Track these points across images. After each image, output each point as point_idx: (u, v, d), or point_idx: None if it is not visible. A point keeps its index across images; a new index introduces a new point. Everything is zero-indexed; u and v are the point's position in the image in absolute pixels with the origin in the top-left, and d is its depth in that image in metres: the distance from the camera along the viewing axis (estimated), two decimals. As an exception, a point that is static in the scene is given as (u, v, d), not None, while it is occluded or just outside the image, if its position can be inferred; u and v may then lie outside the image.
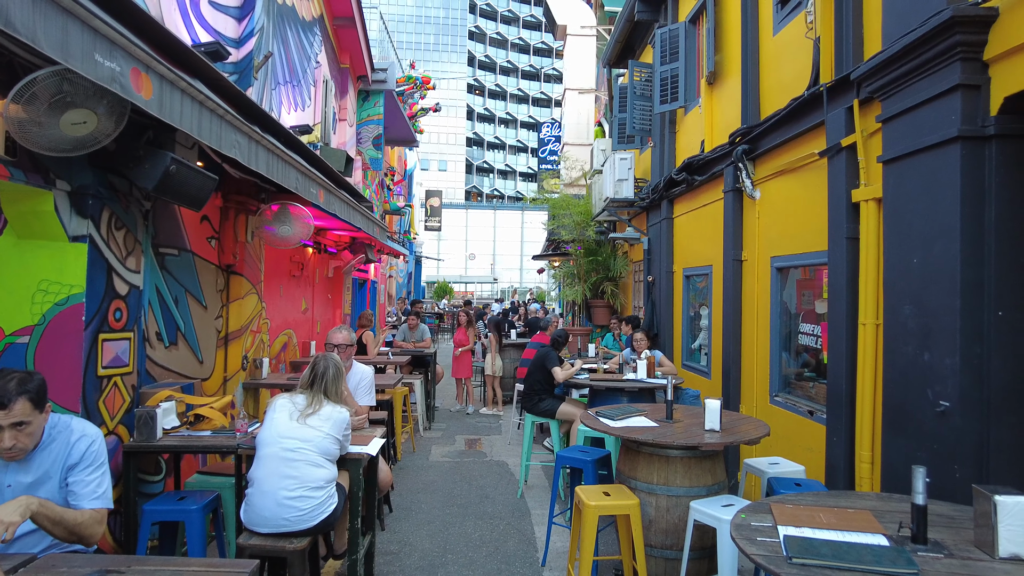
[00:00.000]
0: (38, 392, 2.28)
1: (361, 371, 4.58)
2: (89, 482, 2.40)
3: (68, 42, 1.94)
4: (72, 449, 2.40)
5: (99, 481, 2.43)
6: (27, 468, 2.34)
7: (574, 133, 17.43)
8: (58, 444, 2.40)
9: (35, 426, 2.29)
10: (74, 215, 3.36)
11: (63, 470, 2.38)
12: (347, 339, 4.45)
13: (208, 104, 2.87)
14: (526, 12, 74.34)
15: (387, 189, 15.74)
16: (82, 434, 2.44)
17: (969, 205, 3.01)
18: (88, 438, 2.44)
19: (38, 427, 2.32)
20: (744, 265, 5.96)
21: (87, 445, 2.43)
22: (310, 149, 4.83)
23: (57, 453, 2.39)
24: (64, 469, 2.39)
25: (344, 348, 4.41)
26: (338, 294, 10.16)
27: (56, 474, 2.37)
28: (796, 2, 5.02)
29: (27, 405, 2.23)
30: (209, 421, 4.17)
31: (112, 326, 3.66)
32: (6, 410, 2.19)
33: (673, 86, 7.47)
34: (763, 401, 5.47)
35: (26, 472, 2.33)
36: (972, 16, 2.92)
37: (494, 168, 74.87)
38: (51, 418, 2.42)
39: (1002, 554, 2.05)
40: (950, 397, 3.06)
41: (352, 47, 10.10)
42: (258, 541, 3.13)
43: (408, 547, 4.64)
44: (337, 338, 4.44)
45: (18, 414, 2.21)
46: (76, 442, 2.41)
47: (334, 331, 4.49)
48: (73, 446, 2.41)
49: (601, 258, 11.38)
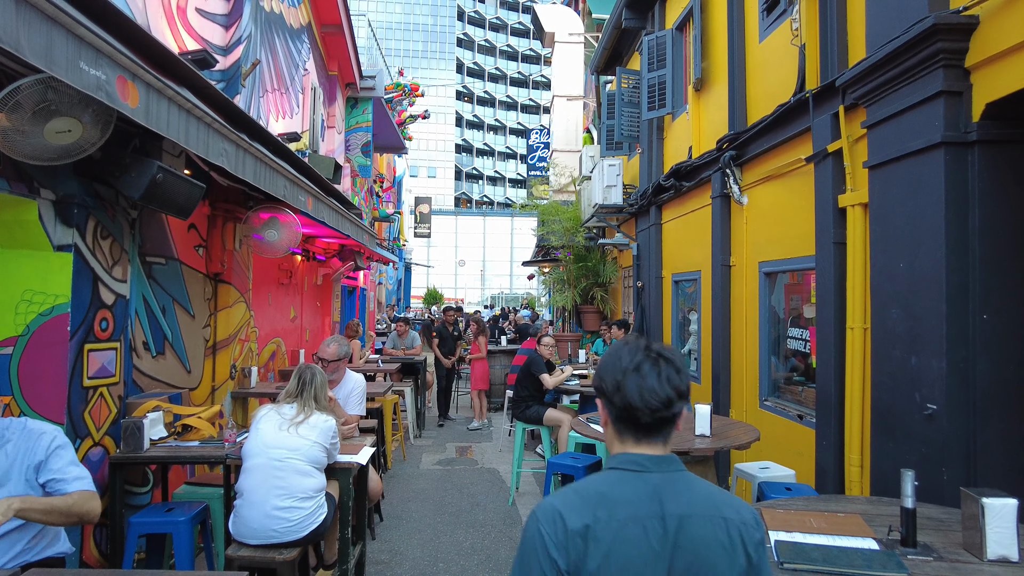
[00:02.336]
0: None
1: (354, 380, 4.54)
2: (67, 470, 2.39)
3: (52, 50, 1.92)
4: (34, 448, 2.37)
5: (76, 466, 2.43)
6: None
7: (563, 140, 17.48)
8: (13, 446, 2.37)
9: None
10: (59, 224, 3.33)
11: (27, 470, 2.35)
12: (336, 353, 4.39)
13: (195, 112, 2.85)
14: (514, 19, 74.65)
15: (376, 196, 15.71)
16: (40, 432, 2.42)
17: (953, 210, 3.05)
18: (48, 435, 2.42)
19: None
20: (732, 270, 5.99)
21: (49, 440, 2.40)
22: (298, 156, 4.81)
23: (14, 455, 2.35)
24: (29, 469, 2.35)
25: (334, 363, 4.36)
26: (327, 302, 10.11)
27: (17, 475, 2.33)
28: (781, 9, 5.07)
29: None
30: (197, 431, 4.12)
31: (98, 336, 3.62)
32: None
33: (661, 93, 7.52)
34: (753, 406, 5.49)
35: None
36: (954, 24, 2.97)
37: (483, 175, 74.95)
38: (2, 421, 2.40)
39: (990, 556, 2.07)
40: (937, 400, 3.08)
41: (340, 54, 10.09)
42: (247, 552, 3.10)
43: (399, 556, 4.61)
44: (327, 352, 4.36)
45: None
46: (36, 440, 2.39)
47: (325, 344, 4.42)
48: (34, 445, 2.38)
49: (591, 264, 11.41)
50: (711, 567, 1.22)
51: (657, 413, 1.28)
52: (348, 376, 4.52)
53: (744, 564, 1.24)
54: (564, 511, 1.24)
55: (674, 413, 1.31)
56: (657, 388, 1.28)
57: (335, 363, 4.36)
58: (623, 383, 1.30)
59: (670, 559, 1.21)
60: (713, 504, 1.27)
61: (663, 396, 1.28)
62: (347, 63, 10.36)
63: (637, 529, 1.22)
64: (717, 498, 1.29)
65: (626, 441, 1.34)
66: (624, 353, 1.34)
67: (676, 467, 1.31)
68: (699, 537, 1.23)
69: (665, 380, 1.29)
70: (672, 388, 1.29)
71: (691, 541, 1.23)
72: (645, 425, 1.30)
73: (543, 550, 1.22)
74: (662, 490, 1.26)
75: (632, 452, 1.32)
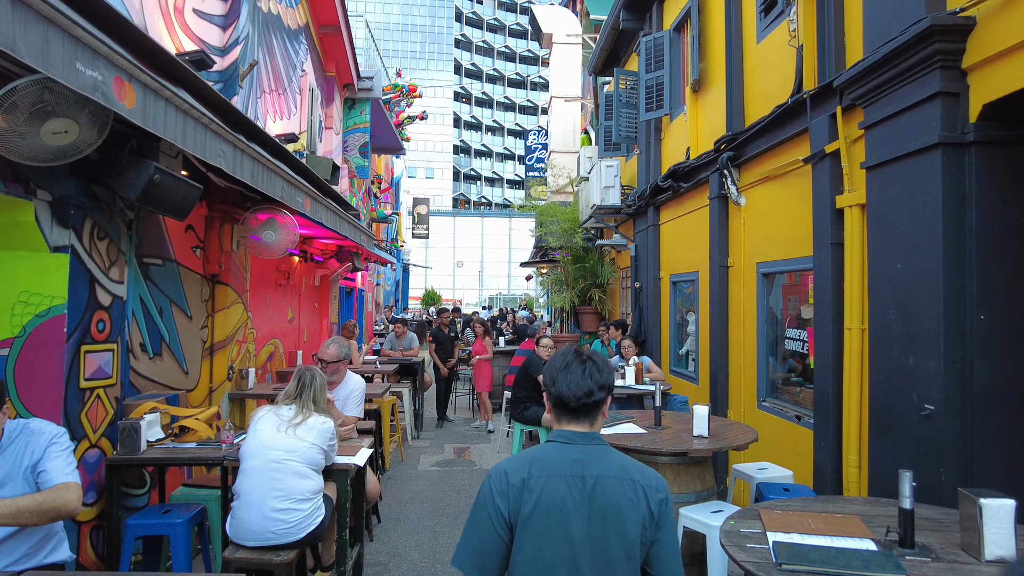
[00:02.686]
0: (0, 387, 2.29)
1: (354, 381, 4.53)
2: (56, 466, 2.35)
3: (49, 51, 1.91)
4: (34, 448, 2.37)
5: (67, 462, 2.39)
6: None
7: (561, 141, 17.48)
8: (16, 446, 2.37)
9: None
10: (55, 225, 3.32)
11: (26, 471, 2.34)
12: (336, 355, 4.39)
13: (192, 113, 2.85)
14: (512, 20, 74.69)
15: (374, 197, 15.71)
16: (40, 431, 2.41)
17: (950, 210, 3.05)
18: (47, 434, 2.41)
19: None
20: (730, 271, 5.99)
21: (48, 440, 2.40)
22: (296, 158, 4.81)
23: (17, 456, 2.35)
24: (27, 469, 2.34)
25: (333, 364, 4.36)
26: (325, 303, 10.10)
27: (17, 475, 2.33)
28: (779, 10, 5.08)
29: None
30: (194, 433, 4.12)
31: (95, 337, 3.61)
32: None
33: (658, 94, 7.53)
34: (751, 406, 5.49)
35: None
36: (951, 25, 2.97)
37: (481, 175, 74.96)
38: (8, 423, 2.40)
39: (988, 557, 2.07)
40: (935, 401, 3.08)
41: (338, 55, 10.08)
42: (244, 555, 3.09)
43: (397, 557, 4.60)
44: (327, 354, 4.36)
45: None
46: (36, 440, 2.39)
47: (324, 346, 4.42)
48: (32, 444, 2.38)
49: (589, 265, 11.41)
50: (619, 515, 1.57)
51: (581, 400, 1.67)
52: (348, 377, 4.51)
53: (646, 515, 1.59)
54: (508, 470, 1.64)
55: (595, 400, 1.69)
56: (581, 382, 1.67)
57: (335, 364, 4.36)
58: (557, 378, 1.70)
59: (588, 507, 1.57)
60: (625, 469, 1.64)
61: (586, 388, 1.67)
62: (345, 64, 10.35)
63: (562, 484, 1.59)
64: (629, 465, 1.66)
65: (561, 421, 1.73)
66: (559, 356, 1.74)
67: (598, 442, 1.69)
68: (610, 492, 1.58)
69: (588, 376, 1.68)
70: (593, 382, 1.68)
71: (604, 495, 1.58)
72: (573, 409, 1.69)
73: (491, 499, 1.61)
74: (584, 457, 1.63)
75: (564, 429, 1.71)
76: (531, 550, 1.56)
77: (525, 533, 1.57)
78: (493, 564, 1.59)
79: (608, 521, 1.57)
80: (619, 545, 1.56)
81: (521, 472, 1.62)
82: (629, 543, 1.57)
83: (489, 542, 1.59)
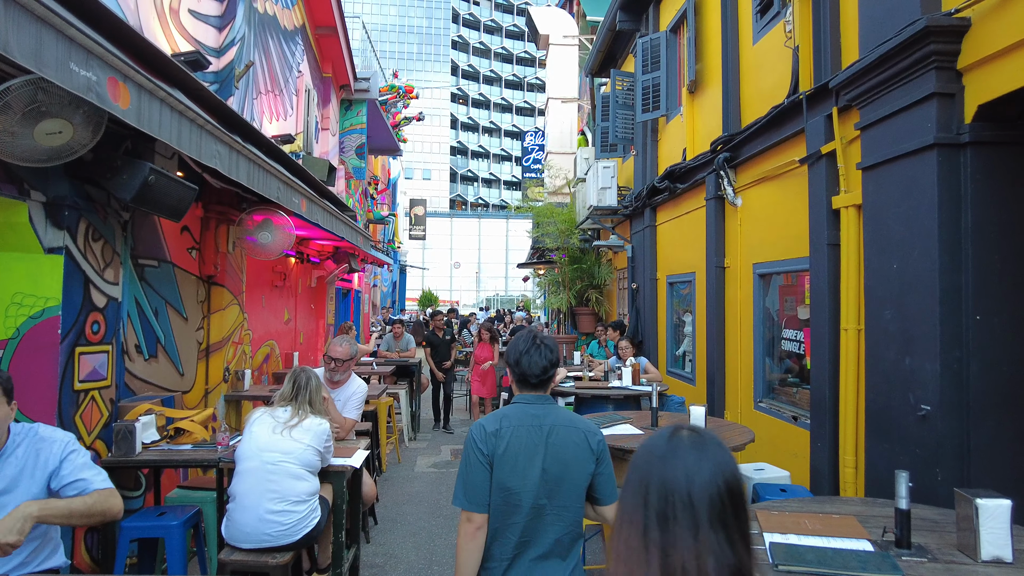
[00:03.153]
0: (8, 382, 2.29)
1: (356, 384, 4.51)
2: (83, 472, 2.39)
3: (42, 51, 1.90)
4: (46, 456, 2.36)
5: (96, 468, 2.44)
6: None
7: (557, 142, 17.51)
8: (24, 451, 2.35)
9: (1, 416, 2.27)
10: (49, 226, 3.30)
11: (44, 478, 2.34)
12: (347, 353, 4.38)
13: (188, 114, 2.84)
14: (509, 22, 74.73)
15: (371, 198, 15.69)
16: (52, 439, 2.41)
17: (946, 211, 3.06)
18: (59, 442, 2.41)
19: (3, 419, 2.29)
20: (727, 272, 6.00)
21: (61, 448, 2.40)
22: (292, 158, 4.80)
23: (27, 461, 2.34)
24: (46, 478, 2.34)
25: (345, 363, 4.35)
26: (321, 304, 10.08)
27: (27, 481, 2.32)
28: (775, 11, 5.09)
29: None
30: (190, 435, 4.10)
31: (89, 339, 3.60)
32: None
33: (655, 95, 7.53)
34: (747, 407, 5.49)
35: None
36: (946, 26, 2.98)
37: (478, 177, 74.95)
38: (13, 425, 2.38)
39: (984, 557, 2.07)
40: (931, 401, 3.09)
41: (335, 56, 10.07)
42: (240, 557, 3.08)
43: (394, 559, 4.59)
44: (339, 352, 4.35)
45: None
46: (47, 448, 2.38)
47: (335, 344, 4.40)
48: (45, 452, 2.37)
49: (585, 266, 11.42)
50: (569, 452, 2.10)
51: (538, 376, 2.20)
52: (353, 380, 4.49)
53: (589, 453, 2.13)
54: (484, 424, 2.15)
55: (549, 375, 2.23)
56: (539, 361, 2.19)
57: (346, 363, 4.34)
58: (520, 360, 2.20)
59: (545, 448, 2.09)
60: (572, 421, 2.18)
61: (542, 365, 2.20)
62: (341, 65, 10.34)
63: (524, 431, 2.11)
64: (575, 418, 2.21)
65: (523, 389, 2.24)
66: (521, 340, 2.25)
67: (550, 402, 2.22)
68: (562, 437, 2.11)
69: (544, 356, 2.20)
70: (548, 361, 2.21)
71: (557, 439, 2.11)
72: (532, 383, 2.21)
73: (474, 445, 2.12)
74: (541, 412, 2.16)
75: (525, 394, 2.23)
76: (502, 479, 2.07)
77: (500, 465, 2.08)
78: (482, 492, 2.07)
79: (560, 457, 2.09)
80: (569, 474, 2.10)
81: (495, 424, 2.13)
82: (577, 472, 2.10)
83: (477, 475, 2.09)
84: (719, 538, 0.94)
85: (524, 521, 2.06)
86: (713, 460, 1.00)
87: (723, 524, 0.96)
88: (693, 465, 0.99)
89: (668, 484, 0.98)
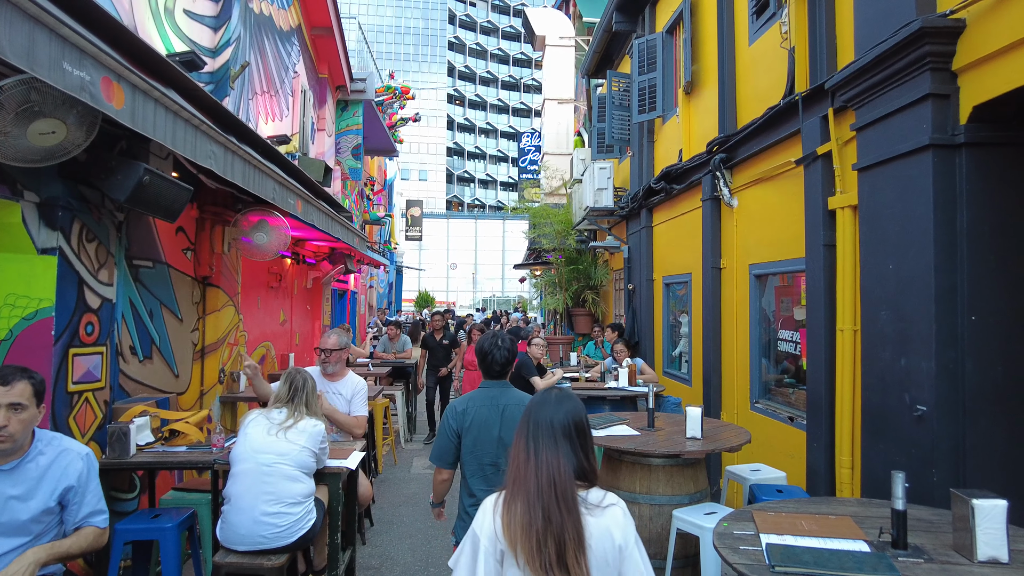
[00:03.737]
0: (40, 384, 2.37)
1: (357, 379, 4.48)
2: (91, 501, 2.50)
3: (35, 50, 1.89)
4: (67, 470, 2.43)
5: (98, 496, 2.55)
6: (14, 479, 2.33)
7: (554, 143, 17.52)
8: (46, 459, 2.41)
9: (29, 416, 2.33)
10: (43, 227, 3.29)
11: (60, 491, 2.40)
12: (337, 343, 4.35)
13: (183, 114, 2.83)
14: (505, 23, 74.77)
15: (367, 199, 15.67)
16: (76, 454, 2.48)
17: (941, 212, 3.06)
18: (84, 460, 2.49)
19: (31, 420, 2.35)
20: (723, 273, 6.00)
21: (84, 466, 2.48)
22: (288, 159, 4.79)
23: (45, 468, 2.39)
24: (61, 491, 2.40)
25: (336, 352, 4.33)
26: (317, 305, 10.05)
27: (41, 491, 2.37)
28: (771, 12, 5.09)
29: (28, 389, 2.31)
30: (185, 436, 4.08)
31: (83, 340, 3.58)
32: (8, 386, 2.26)
33: (651, 96, 7.54)
34: (744, 408, 5.50)
35: (13, 484, 2.32)
36: (941, 27, 2.98)
37: (475, 178, 74.95)
38: (38, 432, 2.44)
39: (980, 557, 2.07)
40: (927, 401, 3.09)
41: (331, 57, 10.05)
42: (235, 559, 3.07)
43: (390, 561, 4.57)
44: (329, 343, 4.31)
45: (17, 394, 2.28)
46: (71, 463, 2.44)
47: (325, 336, 4.37)
48: (68, 467, 2.43)
49: (582, 267, 11.41)
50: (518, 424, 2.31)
51: (500, 366, 2.95)
52: (351, 377, 4.46)
53: None
54: (456, 404, 2.87)
55: (506, 369, 2.98)
56: (498, 357, 2.94)
57: (337, 353, 4.32)
58: (485, 356, 2.95)
59: (500, 421, 2.78)
60: (520, 399, 2.85)
61: (501, 361, 2.95)
62: (337, 66, 10.33)
63: (485, 409, 2.81)
64: (523, 397, 2.83)
65: (487, 378, 2.97)
66: (487, 339, 3.00)
67: (507, 386, 2.95)
68: (513, 412, 2.78)
69: (501, 354, 2.95)
70: (504, 357, 2.95)
71: (509, 414, 2.79)
72: (495, 372, 2.96)
73: (447, 420, 2.84)
74: (498, 395, 2.87)
75: (488, 382, 2.96)
76: (470, 445, 2.78)
77: (467, 435, 2.78)
78: (448, 455, 2.82)
79: (512, 427, 2.68)
80: None
81: (463, 404, 2.85)
82: None
83: (446, 443, 2.82)
84: (568, 448, 1.70)
85: (488, 473, 2.78)
86: (566, 408, 1.76)
87: (570, 441, 1.71)
88: (554, 410, 1.75)
89: (540, 419, 1.74)
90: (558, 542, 1.56)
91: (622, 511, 1.67)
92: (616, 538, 1.62)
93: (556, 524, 1.58)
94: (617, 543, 1.62)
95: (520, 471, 1.68)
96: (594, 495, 1.68)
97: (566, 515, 1.59)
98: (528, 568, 1.58)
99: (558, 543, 1.56)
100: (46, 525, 2.39)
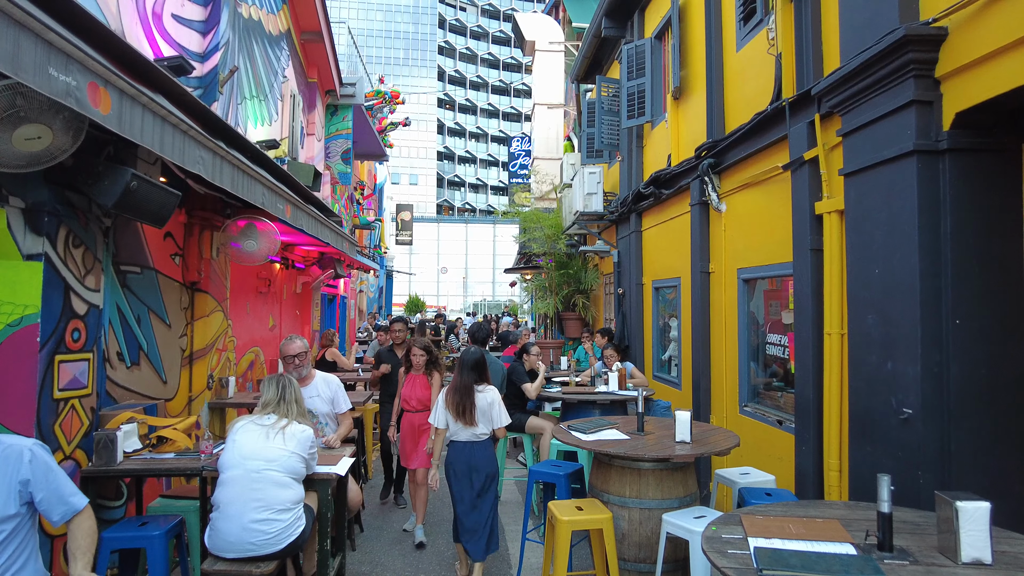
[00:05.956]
0: None
1: (329, 378, 4.45)
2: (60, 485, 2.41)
3: (19, 55, 1.88)
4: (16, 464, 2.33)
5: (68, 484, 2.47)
6: None
7: (544, 147, 17.57)
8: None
9: None
10: (28, 233, 3.26)
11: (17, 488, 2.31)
12: (302, 347, 4.29)
13: (171, 119, 2.81)
14: (495, 28, 74.93)
15: (357, 203, 15.63)
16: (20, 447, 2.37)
17: (926, 217, 3.10)
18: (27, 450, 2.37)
19: None
20: (712, 277, 6.04)
21: (29, 457, 2.36)
22: (277, 164, 4.77)
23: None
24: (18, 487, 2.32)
25: (304, 355, 4.30)
26: (307, 310, 10.01)
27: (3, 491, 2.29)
28: (758, 19, 5.14)
29: None
30: (173, 443, 4.05)
31: (70, 347, 3.54)
32: None
33: (640, 101, 7.58)
34: (733, 411, 5.53)
35: None
36: (924, 35, 3.03)
37: (465, 182, 74.96)
38: None
39: (964, 559, 2.09)
40: (912, 404, 3.12)
41: (320, 61, 10.03)
42: (224, 567, 3.05)
43: (380, 567, 4.55)
44: (294, 348, 4.24)
45: None
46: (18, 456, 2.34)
47: (288, 342, 4.27)
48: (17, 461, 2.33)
49: (572, 271, 11.44)
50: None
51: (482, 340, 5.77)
52: (323, 377, 4.42)
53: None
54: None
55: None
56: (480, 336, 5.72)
57: (305, 355, 4.27)
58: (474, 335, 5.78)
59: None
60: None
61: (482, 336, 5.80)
62: (327, 70, 10.31)
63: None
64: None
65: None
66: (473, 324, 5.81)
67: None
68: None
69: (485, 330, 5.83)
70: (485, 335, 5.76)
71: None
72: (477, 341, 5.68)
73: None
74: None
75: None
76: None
77: None
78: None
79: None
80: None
81: None
82: None
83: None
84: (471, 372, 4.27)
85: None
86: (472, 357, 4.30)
87: (473, 369, 4.28)
88: (467, 357, 4.31)
89: (464, 361, 4.30)
90: (464, 406, 4.16)
91: (493, 391, 4.31)
92: (484, 401, 4.23)
93: (464, 399, 4.18)
94: (489, 402, 4.24)
95: (455, 381, 4.26)
96: (480, 387, 4.25)
97: (467, 396, 4.19)
98: (453, 417, 4.18)
99: (464, 407, 4.16)
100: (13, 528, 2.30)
